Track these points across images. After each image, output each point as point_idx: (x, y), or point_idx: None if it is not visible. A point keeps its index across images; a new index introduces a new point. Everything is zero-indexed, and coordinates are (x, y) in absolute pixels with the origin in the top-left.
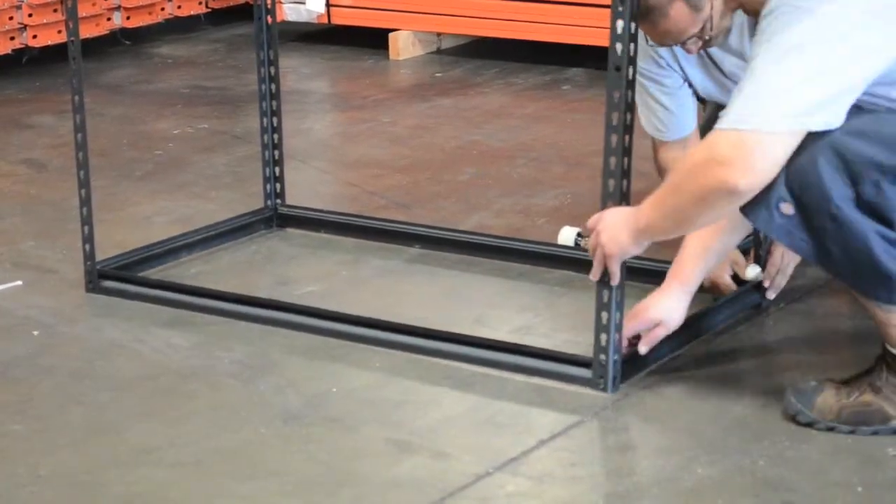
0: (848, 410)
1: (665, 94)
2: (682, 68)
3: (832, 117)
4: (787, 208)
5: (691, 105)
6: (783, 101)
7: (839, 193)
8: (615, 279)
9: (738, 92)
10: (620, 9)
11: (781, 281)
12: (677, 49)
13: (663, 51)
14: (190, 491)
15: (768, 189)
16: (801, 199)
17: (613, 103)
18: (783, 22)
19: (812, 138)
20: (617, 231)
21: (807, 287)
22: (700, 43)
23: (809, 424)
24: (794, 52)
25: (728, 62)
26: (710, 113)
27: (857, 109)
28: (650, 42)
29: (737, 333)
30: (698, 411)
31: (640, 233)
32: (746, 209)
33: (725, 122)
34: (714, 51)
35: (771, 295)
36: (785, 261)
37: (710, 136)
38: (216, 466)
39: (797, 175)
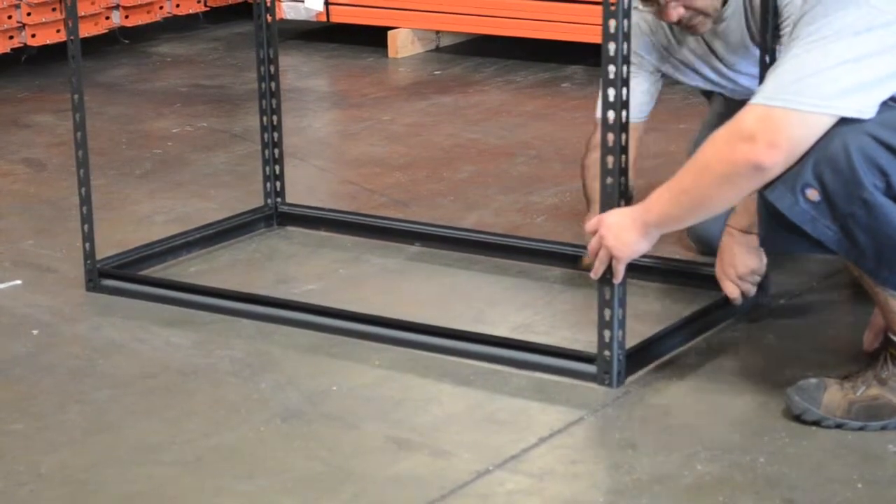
0: (857, 405)
1: (635, 76)
2: (676, 57)
3: (864, 105)
4: (813, 194)
5: (653, 94)
6: (816, 82)
7: (871, 181)
8: (619, 278)
9: (773, 69)
10: (613, 7)
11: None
12: (669, 38)
13: (656, 31)
14: (189, 489)
15: (794, 174)
16: (828, 186)
17: (609, 102)
18: (829, 6)
19: (843, 127)
20: (622, 231)
21: (806, 283)
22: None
23: (816, 423)
24: (833, 37)
25: (729, 56)
26: (709, 121)
27: (889, 105)
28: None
29: (736, 330)
30: (698, 408)
31: (651, 226)
32: (770, 193)
33: (756, 97)
34: (717, 45)
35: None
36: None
37: (739, 112)
38: (216, 464)
39: (827, 161)
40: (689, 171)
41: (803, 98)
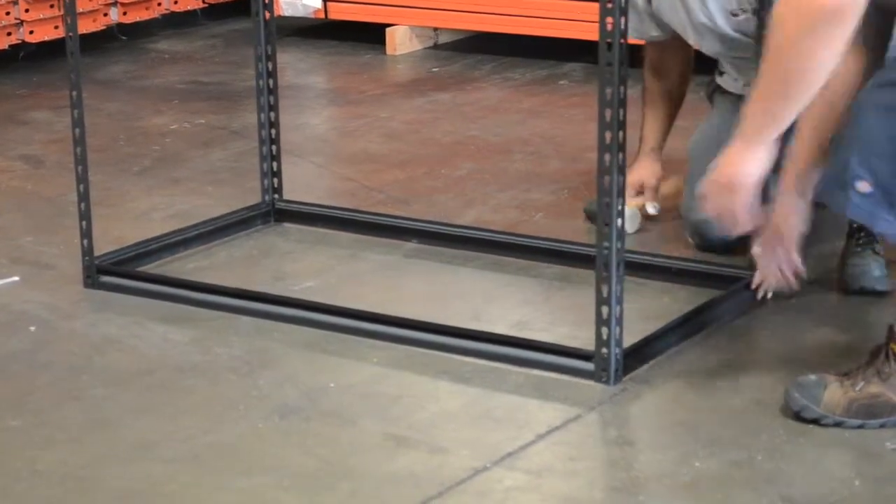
0: (857, 403)
1: None
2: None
3: None
4: (864, 186)
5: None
6: None
7: None
8: (745, 223)
9: None
10: (610, 6)
11: (772, 281)
12: None
13: None
14: (187, 486)
15: (839, 172)
16: (878, 173)
17: (606, 100)
18: None
19: (868, 116)
20: (729, 169)
21: (805, 281)
22: None
23: (815, 420)
24: None
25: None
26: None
27: None
28: None
29: (735, 327)
30: (696, 405)
31: (756, 137)
32: (822, 194)
33: None
34: None
35: (759, 294)
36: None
37: None
38: (213, 461)
39: (868, 149)
40: (769, 61)
41: None
